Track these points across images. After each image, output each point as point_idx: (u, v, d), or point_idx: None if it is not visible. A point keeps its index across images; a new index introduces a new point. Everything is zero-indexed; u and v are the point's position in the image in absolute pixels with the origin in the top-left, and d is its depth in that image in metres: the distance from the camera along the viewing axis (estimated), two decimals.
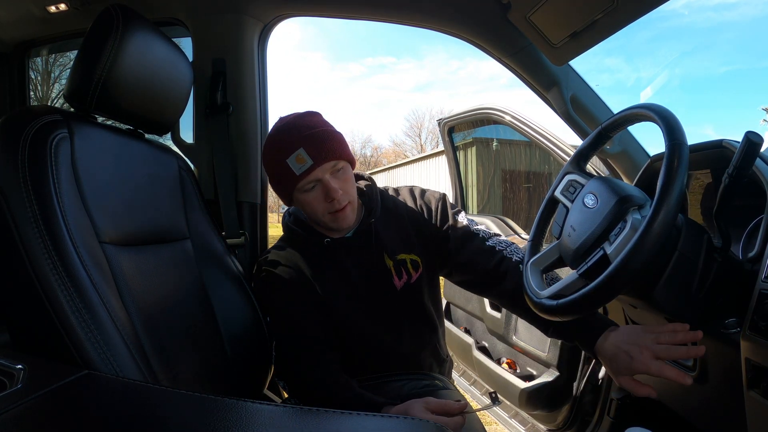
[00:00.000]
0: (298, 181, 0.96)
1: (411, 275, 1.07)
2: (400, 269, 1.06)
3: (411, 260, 1.07)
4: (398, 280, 1.05)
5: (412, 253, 1.07)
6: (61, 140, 0.76)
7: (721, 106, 49.37)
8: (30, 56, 1.59)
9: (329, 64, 73.63)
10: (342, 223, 1.00)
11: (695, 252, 0.78)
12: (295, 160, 0.94)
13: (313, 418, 0.54)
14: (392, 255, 1.06)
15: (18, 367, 0.60)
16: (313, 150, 0.94)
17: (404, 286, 1.06)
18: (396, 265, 1.06)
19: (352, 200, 1.00)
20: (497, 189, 3.22)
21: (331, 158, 0.95)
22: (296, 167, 0.94)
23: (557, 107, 1.30)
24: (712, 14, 57.63)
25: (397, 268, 1.06)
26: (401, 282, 1.06)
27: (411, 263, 1.07)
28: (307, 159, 0.93)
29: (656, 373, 0.80)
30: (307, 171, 0.94)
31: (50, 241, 0.69)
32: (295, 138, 0.95)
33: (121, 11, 0.87)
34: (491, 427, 1.98)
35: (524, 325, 1.66)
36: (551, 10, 1.08)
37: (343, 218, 1.00)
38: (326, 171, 0.96)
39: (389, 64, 68.04)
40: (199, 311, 1.00)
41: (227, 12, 1.27)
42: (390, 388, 1.04)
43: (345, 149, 0.99)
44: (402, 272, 1.06)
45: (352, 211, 1.01)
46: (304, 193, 0.98)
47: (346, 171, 0.99)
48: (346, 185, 0.98)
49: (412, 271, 1.07)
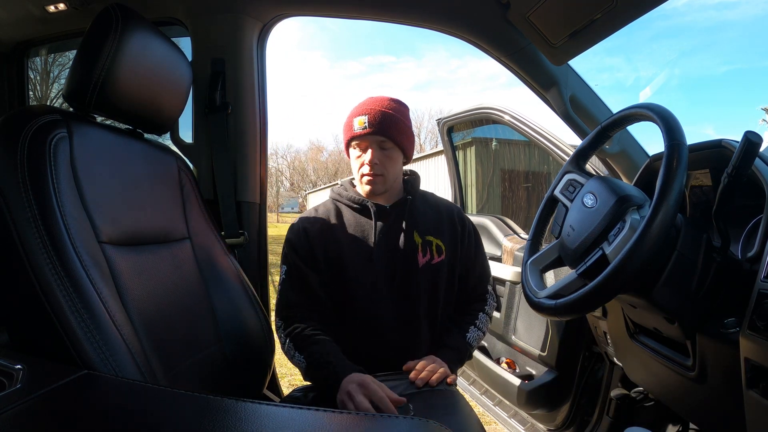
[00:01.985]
0: (351, 137, 1.15)
1: (434, 256, 1.17)
2: (426, 248, 1.17)
3: (437, 244, 1.18)
4: (422, 257, 1.16)
5: (440, 239, 1.19)
6: (60, 140, 0.76)
7: (721, 105, 49.39)
8: (29, 56, 1.59)
9: (328, 63, 73.65)
10: (370, 187, 1.15)
11: (694, 252, 0.78)
12: (357, 123, 1.14)
13: (312, 418, 0.54)
14: (422, 234, 1.18)
15: (17, 367, 0.60)
16: (374, 122, 1.12)
17: (426, 264, 1.16)
18: (423, 244, 1.17)
19: (386, 175, 1.15)
20: (496, 188, 3.23)
21: (383, 135, 1.12)
22: (357, 127, 1.14)
23: (556, 107, 1.30)
24: (714, 13, 57.63)
25: (424, 247, 1.17)
26: (424, 260, 1.16)
27: (436, 247, 1.18)
28: (366, 125, 1.12)
29: None
30: (360, 135, 1.13)
31: (49, 241, 0.69)
32: (369, 107, 1.14)
33: (120, 11, 0.87)
34: (490, 427, 1.98)
35: (523, 325, 1.66)
36: (551, 10, 1.08)
37: (372, 184, 1.15)
38: (374, 142, 1.13)
39: (389, 63, 68.08)
40: (198, 311, 1.00)
41: (226, 12, 1.27)
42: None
43: (400, 137, 1.15)
44: (427, 251, 1.17)
45: (382, 183, 1.15)
46: (352, 149, 1.18)
47: (392, 152, 1.15)
48: (385, 161, 1.14)
49: (436, 254, 1.18)
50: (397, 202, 1.19)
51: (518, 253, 1.74)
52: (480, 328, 1.21)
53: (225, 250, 1.13)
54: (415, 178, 1.26)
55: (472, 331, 1.19)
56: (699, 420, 1.03)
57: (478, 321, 1.21)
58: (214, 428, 0.49)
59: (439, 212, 1.23)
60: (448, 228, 1.21)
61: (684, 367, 0.88)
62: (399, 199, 1.19)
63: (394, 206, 1.18)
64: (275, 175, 35.50)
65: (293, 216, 37.23)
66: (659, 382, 1.06)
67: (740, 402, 0.76)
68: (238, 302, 1.09)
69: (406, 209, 1.18)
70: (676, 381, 0.95)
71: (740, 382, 0.75)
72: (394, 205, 1.18)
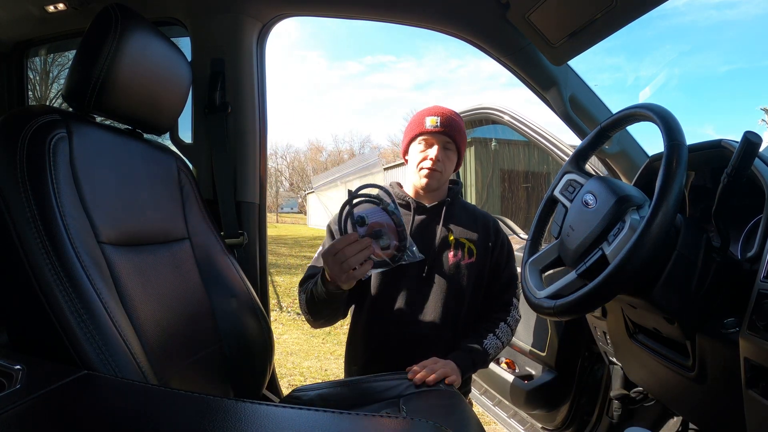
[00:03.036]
0: (421, 133, 1.24)
1: (464, 257, 1.24)
2: (458, 248, 1.24)
3: (469, 247, 1.26)
4: (452, 256, 1.23)
5: (472, 243, 1.26)
6: (59, 140, 0.76)
7: (722, 105, 49.41)
8: (28, 56, 1.59)
9: (327, 63, 73.64)
10: (427, 179, 1.23)
11: (694, 252, 0.78)
12: (430, 121, 1.23)
13: (312, 418, 0.54)
14: (456, 235, 1.26)
15: (17, 368, 0.60)
16: (445, 124, 1.22)
17: (455, 262, 1.23)
18: (456, 244, 1.25)
19: (443, 172, 1.24)
20: (496, 189, 3.23)
21: (451, 137, 1.23)
22: (428, 124, 1.23)
23: (556, 107, 1.30)
24: (714, 12, 57.65)
25: (456, 247, 1.24)
26: (455, 258, 1.23)
27: (468, 249, 1.25)
28: (438, 124, 1.22)
29: None
30: (432, 131, 1.22)
31: (48, 242, 0.69)
32: (440, 111, 1.25)
33: (120, 11, 0.86)
34: (490, 427, 1.98)
35: (523, 325, 1.66)
36: (550, 10, 1.08)
37: (430, 177, 1.23)
38: (441, 141, 1.23)
39: (388, 63, 68.11)
40: (197, 311, 1.00)
41: (226, 12, 1.27)
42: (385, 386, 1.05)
43: (462, 143, 1.26)
44: (458, 251, 1.24)
45: (439, 179, 1.24)
46: (417, 144, 1.26)
47: (452, 154, 1.25)
48: (446, 160, 1.24)
49: (467, 255, 1.25)
50: (437, 204, 1.27)
51: (518, 253, 1.74)
52: (499, 338, 1.22)
53: (224, 251, 1.13)
54: (459, 187, 1.35)
55: (491, 339, 1.21)
56: (699, 420, 1.03)
57: (498, 330, 1.23)
58: (213, 428, 0.49)
59: (475, 220, 1.30)
60: (482, 235, 1.27)
61: (684, 367, 0.88)
62: (439, 201, 1.27)
63: (434, 206, 1.27)
64: (274, 176, 35.50)
65: (293, 216, 37.20)
66: (659, 382, 1.06)
67: (740, 402, 0.76)
68: (238, 302, 1.09)
69: (443, 209, 1.26)
70: (676, 381, 0.95)
71: (740, 382, 0.75)
72: (433, 205, 1.27)
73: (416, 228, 1.25)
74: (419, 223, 1.25)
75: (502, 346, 1.24)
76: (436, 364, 1.09)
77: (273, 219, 29.93)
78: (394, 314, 1.20)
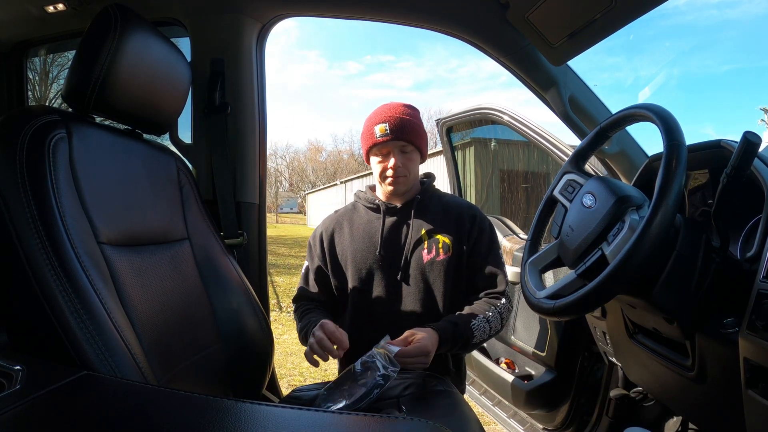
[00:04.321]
0: (373, 144, 1.20)
1: (439, 253, 1.20)
2: (432, 245, 1.21)
3: (444, 242, 1.21)
4: (427, 254, 1.20)
5: (447, 237, 1.22)
6: (59, 140, 0.76)
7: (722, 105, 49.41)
8: (28, 56, 1.59)
9: (327, 62, 73.63)
10: (394, 187, 1.22)
11: (694, 252, 0.78)
12: (379, 130, 1.19)
13: (312, 418, 0.54)
14: (429, 232, 1.22)
15: (16, 368, 0.60)
16: (394, 128, 1.18)
17: (431, 260, 1.20)
18: (429, 241, 1.21)
19: (407, 176, 1.21)
20: (495, 189, 3.22)
21: (405, 140, 1.18)
22: (377, 134, 1.19)
23: (555, 107, 1.30)
24: (715, 12, 57.63)
25: (430, 244, 1.21)
26: (429, 256, 1.20)
27: (443, 244, 1.21)
28: (388, 131, 1.18)
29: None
30: (382, 141, 1.18)
31: (48, 242, 0.69)
32: (387, 114, 1.20)
33: (120, 11, 0.86)
34: (490, 428, 1.98)
35: (523, 325, 1.66)
36: (550, 11, 1.08)
37: (395, 184, 1.21)
38: (396, 147, 1.19)
39: (388, 63, 68.12)
40: (197, 312, 1.00)
41: (225, 12, 1.27)
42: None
43: (418, 140, 1.21)
44: (433, 248, 1.20)
45: (405, 184, 1.22)
46: (374, 156, 1.23)
47: (412, 155, 1.21)
48: (407, 163, 1.20)
49: (442, 251, 1.21)
50: (407, 202, 1.24)
51: (517, 253, 1.74)
52: (489, 321, 1.16)
53: (224, 251, 1.13)
54: (431, 180, 1.31)
55: (479, 320, 1.14)
56: (698, 420, 1.03)
57: (489, 313, 1.16)
58: (213, 428, 0.49)
59: (448, 211, 1.25)
60: (456, 225, 1.23)
61: (683, 367, 0.88)
62: (410, 199, 1.24)
63: (405, 205, 1.24)
64: (274, 176, 35.52)
65: (292, 216, 37.20)
66: (658, 382, 1.06)
67: (739, 402, 0.76)
68: (238, 303, 1.09)
69: (413, 207, 1.23)
70: (676, 381, 0.95)
71: (739, 382, 0.75)
72: (404, 204, 1.24)
73: (387, 231, 1.22)
74: (390, 226, 1.23)
75: (489, 332, 1.16)
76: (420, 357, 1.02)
77: (273, 219, 29.89)
78: (374, 322, 1.19)
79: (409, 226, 1.22)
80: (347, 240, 1.25)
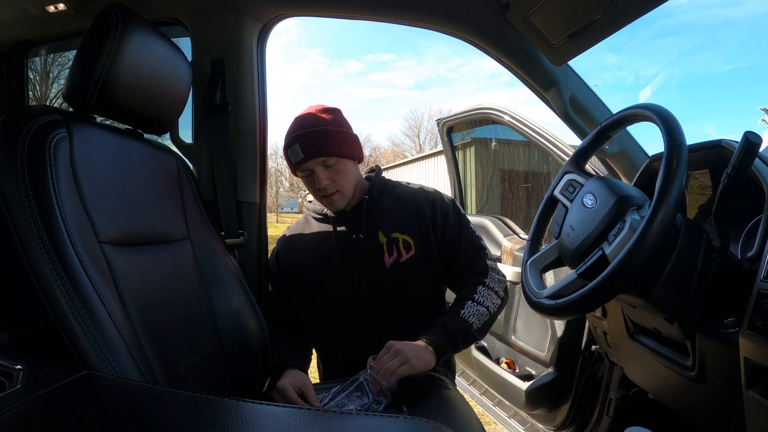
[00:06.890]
0: (294, 168, 1.14)
1: (402, 254, 1.12)
2: (392, 247, 1.12)
3: (404, 240, 1.13)
4: (388, 257, 1.12)
5: (407, 233, 1.13)
6: (59, 140, 0.76)
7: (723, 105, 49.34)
8: (28, 56, 1.59)
9: (328, 61, 73.62)
10: (330, 206, 1.15)
11: (694, 252, 0.78)
12: (292, 152, 1.11)
13: (312, 418, 0.54)
14: (387, 233, 1.13)
15: (17, 368, 0.60)
16: (306, 146, 1.09)
17: (393, 263, 1.12)
18: (389, 243, 1.12)
19: (341, 190, 1.12)
20: (496, 189, 3.22)
21: (321, 155, 1.09)
22: (293, 157, 1.11)
23: (556, 107, 1.30)
24: (718, 10, 57.47)
25: (389, 246, 1.12)
26: (391, 259, 1.12)
27: (403, 243, 1.13)
28: (300, 153, 1.09)
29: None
30: (299, 163, 1.11)
31: (49, 242, 0.69)
32: (298, 132, 1.11)
33: (120, 11, 0.86)
34: (490, 428, 1.98)
35: (523, 325, 1.66)
36: (550, 10, 1.08)
37: (331, 203, 1.13)
38: (317, 164, 1.10)
39: (389, 61, 68.06)
40: (198, 311, 1.00)
41: (226, 12, 1.27)
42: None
43: (339, 149, 1.10)
44: (393, 250, 1.12)
45: (341, 198, 1.13)
46: (301, 178, 1.16)
47: (338, 165, 1.10)
48: (336, 177, 1.11)
49: (404, 251, 1.12)
50: (356, 205, 1.16)
51: (518, 253, 1.74)
52: (480, 302, 1.08)
53: (225, 251, 1.13)
54: (376, 175, 1.21)
55: (469, 307, 1.07)
56: (699, 420, 1.03)
57: (476, 295, 1.09)
58: (214, 428, 0.49)
59: (404, 205, 1.16)
60: (415, 218, 1.14)
61: (684, 367, 0.88)
62: (358, 202, 1.16)
63: (354, 209, 1.15)
64: (275, 176, 35.47)
65: (293, 216, 37.22)
66: (659, 382, 1.06)
67: (740, 402, 0.76)
68: (238, 302, 1.09)
69: (363, 211, 1.14)
70: (676, 381, 0.95)
71: (740, 382, 0.75)
72: (353, 208, 1.16)
73: (340, 240, 1.14)
74: (342, 235, 1.14)
75: (488, 312, 1.08)
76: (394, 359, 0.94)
77: (273, 219, 29.90)
78: (351, 339, 1.13)
79: (362, 231, 1.12)
80: (302, 256, 1.18)
